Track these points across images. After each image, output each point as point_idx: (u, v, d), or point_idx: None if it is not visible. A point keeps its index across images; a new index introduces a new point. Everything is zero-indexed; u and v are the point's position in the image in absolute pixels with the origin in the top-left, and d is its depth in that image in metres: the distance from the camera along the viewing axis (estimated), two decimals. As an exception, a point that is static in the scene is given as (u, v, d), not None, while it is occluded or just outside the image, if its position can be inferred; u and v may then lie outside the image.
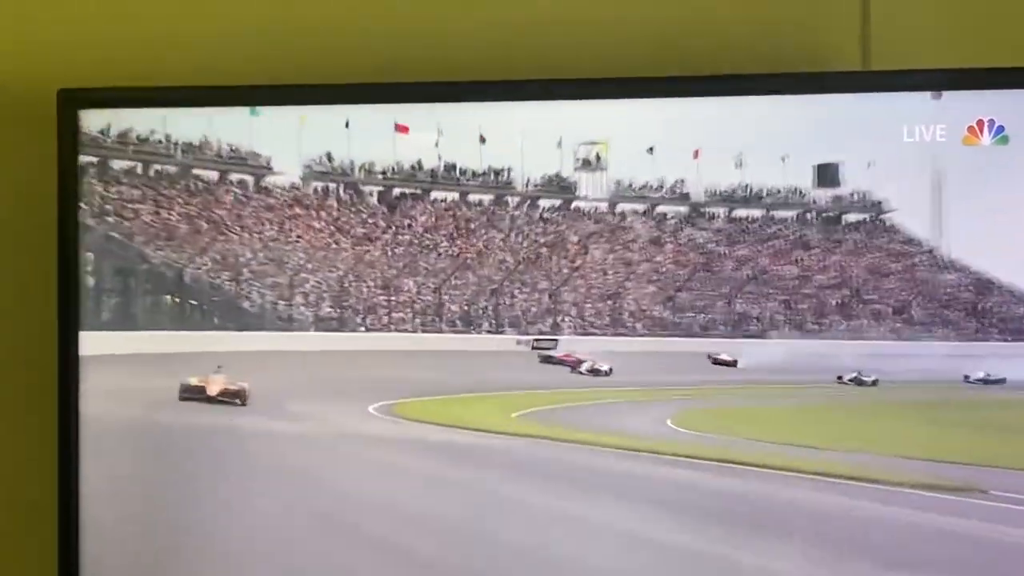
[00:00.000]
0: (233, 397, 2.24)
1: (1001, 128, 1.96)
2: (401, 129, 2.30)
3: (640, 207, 2.34)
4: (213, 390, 2.25)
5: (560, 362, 2.25)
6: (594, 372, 2.31)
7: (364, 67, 2.09)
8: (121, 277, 2.37)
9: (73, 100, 1.86)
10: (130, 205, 2.35)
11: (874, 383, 2.15)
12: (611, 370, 2.29)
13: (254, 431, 2.30)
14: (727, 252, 2.30)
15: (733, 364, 2.23)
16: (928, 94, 1.97)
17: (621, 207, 2.36)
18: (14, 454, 2.19)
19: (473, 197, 2.38)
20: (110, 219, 2.31)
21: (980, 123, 1.94)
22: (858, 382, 2.14)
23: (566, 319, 2.39)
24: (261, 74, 2.04)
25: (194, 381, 2.22)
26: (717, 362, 2.22)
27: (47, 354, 2.00)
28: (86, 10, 2.05)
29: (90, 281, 2.30)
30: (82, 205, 2.17)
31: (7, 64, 2.03)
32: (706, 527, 2.12)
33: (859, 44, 2.00)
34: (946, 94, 1.90)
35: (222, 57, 2.09)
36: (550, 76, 1.98)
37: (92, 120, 2.03)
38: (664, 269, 2.33)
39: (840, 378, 2.15)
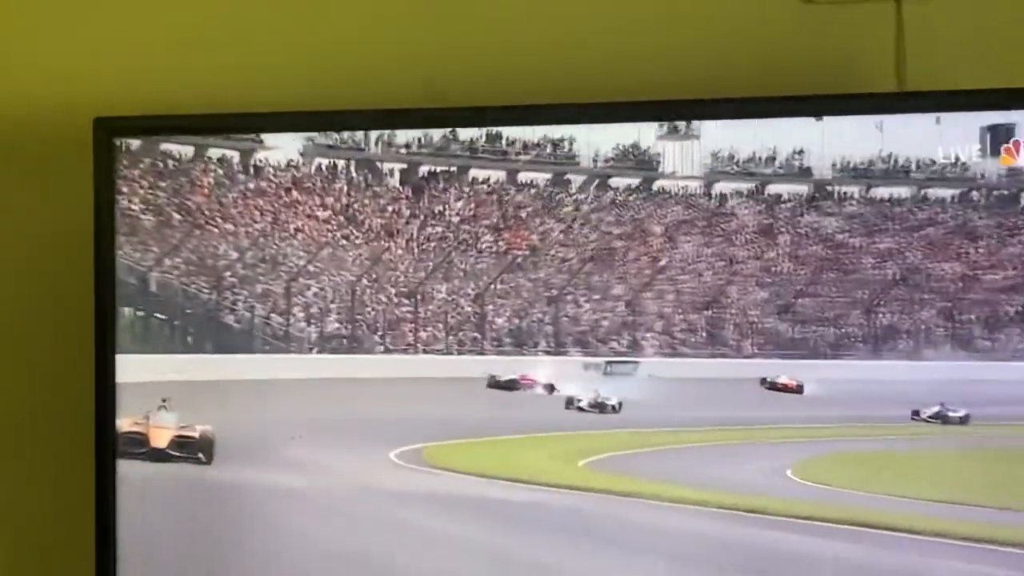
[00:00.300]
0: (192, 450, 1.73)
1: None
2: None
3: (745, 186, 1.85)
4: (159, 440, 1.77)
5: (509, 386, 1.84)
6: (598, 407, 1.85)
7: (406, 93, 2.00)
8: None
9: (108, 128, 1.85)
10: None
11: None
12: (620, 405, 1.84)
13: (236, 487, 1.77)
14: (863, 245, 1.75)
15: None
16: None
17: (719, 187, 1.86)
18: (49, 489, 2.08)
19: (524, 176, 1.90)
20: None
21: (1016, 144, 1.83)
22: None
23: (648, 335, 1.83)
24: (291, 102, 1.94)
25: (127, 426, 1.76)
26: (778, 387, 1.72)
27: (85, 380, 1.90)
28: (123, 38, 2.07)
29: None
30: None
31: (43, 92, 2.06)
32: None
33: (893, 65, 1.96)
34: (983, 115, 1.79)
35: (260, 84, 2.04)
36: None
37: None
38: (779, 268, 1.78)
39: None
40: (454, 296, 1.91)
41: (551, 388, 1.86)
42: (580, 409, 1.84)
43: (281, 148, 1.91)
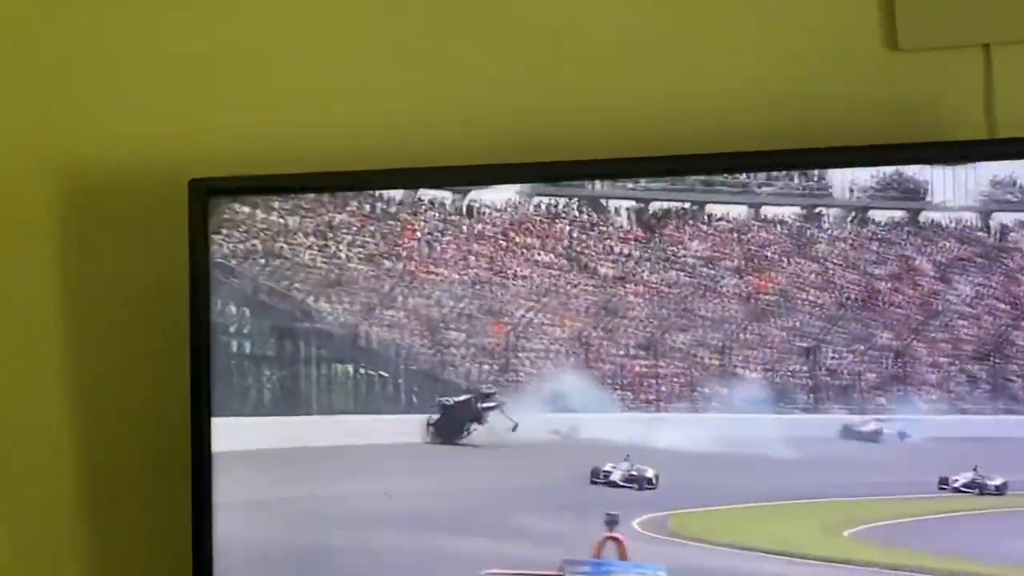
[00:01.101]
0: None
1: None
2: None
3: (1026, 216, 1.61)
4: None
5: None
6: (632, 481, 1.70)
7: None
8: (274, 339, 1.77)
9: (204, 189, 1.86)
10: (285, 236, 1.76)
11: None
12: (656, 478, 1.69)
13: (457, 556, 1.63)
14: None
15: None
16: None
17: (1000, 218, 1.66)
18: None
19: (768, 211, 1.72)
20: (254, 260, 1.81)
21: None
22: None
23: (922, 389, 1.62)
24: (387, 160, 1.92)
25: None
26: None
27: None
28: (217, 98, 2.08)
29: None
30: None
31: (138, 154, 2.07)
32: None
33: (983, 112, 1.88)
34: None
35: (366, 143, 2.01)
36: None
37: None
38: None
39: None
40: (695, 347, 1.73)
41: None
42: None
43: (501, 190, 1.78)
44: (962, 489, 1.64)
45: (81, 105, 2.11)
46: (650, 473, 1.71)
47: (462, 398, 1.77)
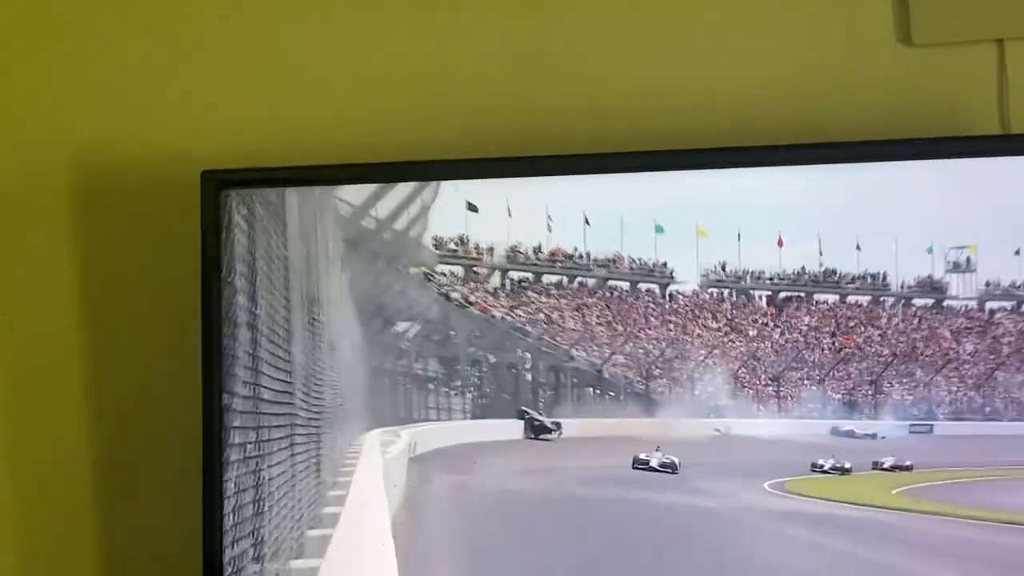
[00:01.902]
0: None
1: None
2: (779, 243, 2.69)
3: (1009, 304, 2.63)
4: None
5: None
6: (664, 467, 2.49)
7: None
8: (552, 373, 2.86)
9: (216, 181, 1.83)
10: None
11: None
12: (679, 464, 2.49)
13: (670, 505, 2.73)
14: None
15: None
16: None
17: (989, 304, 2.64)
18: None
19: (852, 299, 2.71)
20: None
21: None
22: None
23: (940, 406, 2.70)
24: (402, 152, 1.99)
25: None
26: None
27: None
28: (231, 90, 2.05)
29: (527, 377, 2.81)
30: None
31: (152, 146, 2.04)
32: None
33: (997, 107, 1.93)
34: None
35: (375, 135, 2.06)
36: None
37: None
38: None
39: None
40: (804, 380, 2.84)
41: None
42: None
43: (688, 283, 2.89)
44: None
45: (94, 98, 2.06)
46: (676, 460, 2.48)
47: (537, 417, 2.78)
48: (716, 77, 1.99)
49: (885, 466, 2.58)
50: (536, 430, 2.69)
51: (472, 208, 2.36)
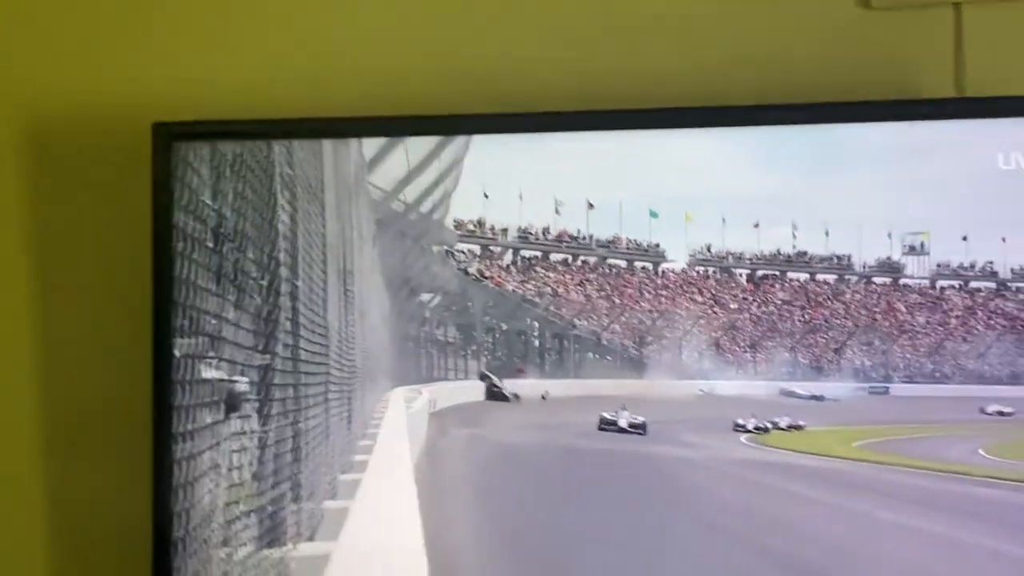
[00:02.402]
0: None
1: None
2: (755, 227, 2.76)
3: (956, 282, 2.70)
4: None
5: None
6: (634, 428, 2.49)
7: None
8: (557, 340, 2.93)
9: (168, 133, 1.68)
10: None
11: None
12: (645, 425, 2.52)
13: (659, 456, 2.81)
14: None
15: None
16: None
17: (940, 283, 2.72)
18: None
19: (820, 277, 2.79)
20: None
21: None
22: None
23: (895, 370, 2.78)
24: (363, 108, 1.82)
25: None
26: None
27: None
28: (183, 43, 1.90)
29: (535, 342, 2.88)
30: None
31: (104, 98, 1.86)
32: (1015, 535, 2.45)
33: (952, 70, 1.81)
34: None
35: (325, 91, 1.91)
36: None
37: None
38: (976, 332, 2.68)
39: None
40: (776, 346, 2.91)
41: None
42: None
43: (678, 261, 2.96)
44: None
45: (44, 48, 1.88)
46: (640, 420, 2.50)
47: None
48: (677, 40, 1.89)
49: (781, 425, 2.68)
50: (494, 396, 2.76)
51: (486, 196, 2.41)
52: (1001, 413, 2.64)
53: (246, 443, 2.19)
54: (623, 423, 2.43)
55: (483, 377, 2.72)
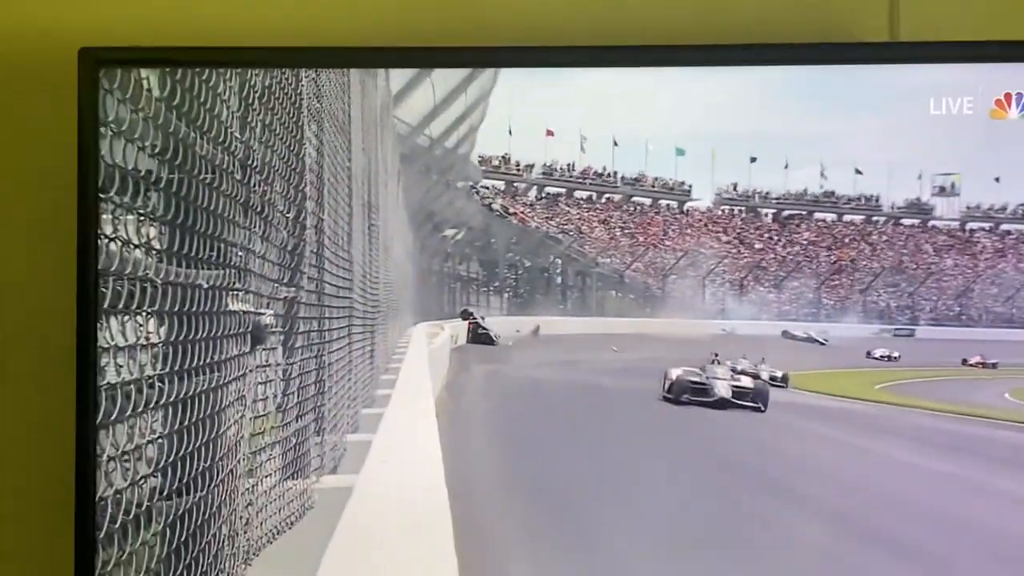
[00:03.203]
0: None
1: None
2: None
3: (988, 224, 2.68)
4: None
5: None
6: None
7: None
8: (580, 277, 2.93)
9: (94, 59, 1.62)
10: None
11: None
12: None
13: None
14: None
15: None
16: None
17: (969, 225, 2.69)
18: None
19: (848, 217, 2.79)
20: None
21: (1008, 96, 1.79)
22: None
23: (921, 312, 2.76)
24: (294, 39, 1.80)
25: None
26: None
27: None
28: None
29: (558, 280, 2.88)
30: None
31: (31, 24, 1.80)
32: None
33: (888, 16, 1.83)
34: (975, 66, 1.72)
35: (253, 19, 1.86)
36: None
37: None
38: (1006, 275, 2.67)
39: None
40: (801, 288, 2.91)
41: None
42: (878, 358, 2.78)
43: (703, 200, 2.94)
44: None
45: None
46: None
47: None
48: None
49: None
50: (479, 338, 2.76)
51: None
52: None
53: (271, 375, 2.20)
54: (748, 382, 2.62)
55: (465, 315, 2.69)
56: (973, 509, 2.51)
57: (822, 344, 2.67)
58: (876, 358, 2.61)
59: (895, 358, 2.59)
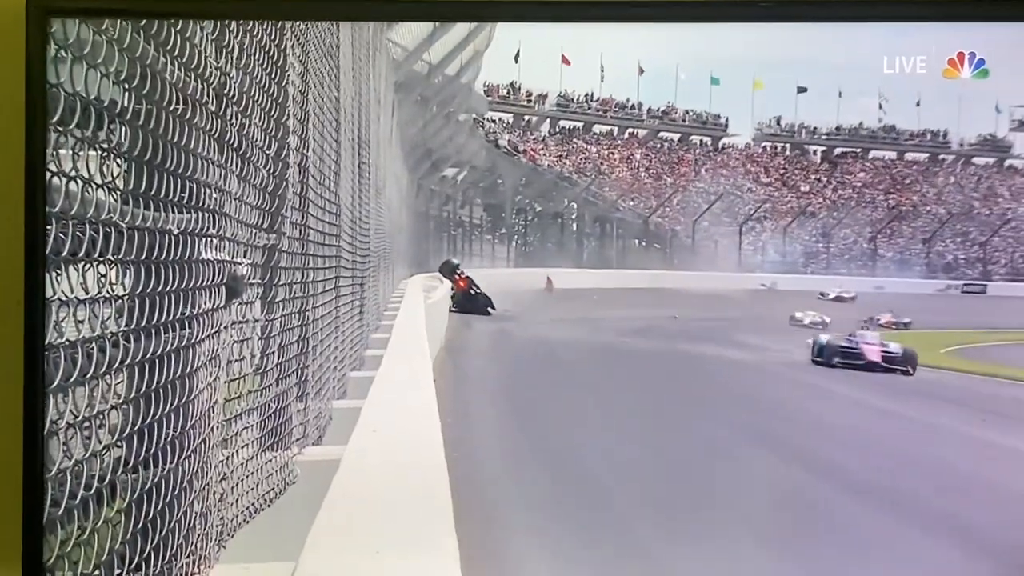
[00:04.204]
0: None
1: (982, 61, 2.05)
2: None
3: (1074, 166, 2.75)
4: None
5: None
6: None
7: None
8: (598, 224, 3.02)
9: (44, 9, 1.71)
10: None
11: None
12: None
13: (710, 357, 2.89)
14: None
15: None
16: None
17: None
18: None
19: (910, 156, 2.87)
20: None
21: (960, 56, 1.96)
22: None
23: (993, 265, 2.82)
24: None
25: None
26: None
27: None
28: None
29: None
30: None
31: None
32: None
33: None
34: (928, 26, 1.85)
35: None
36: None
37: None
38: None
39: None
40: (855, 237, 2.97)
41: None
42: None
43: (741, 136, 3.00)
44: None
45: None
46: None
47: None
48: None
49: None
50: (470, 304, 2.78)
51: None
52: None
53: (248, 333, 2.24)
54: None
55: (448, 270, 2.72)
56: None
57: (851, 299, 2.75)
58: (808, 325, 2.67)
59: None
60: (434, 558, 1.77)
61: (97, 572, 1.53)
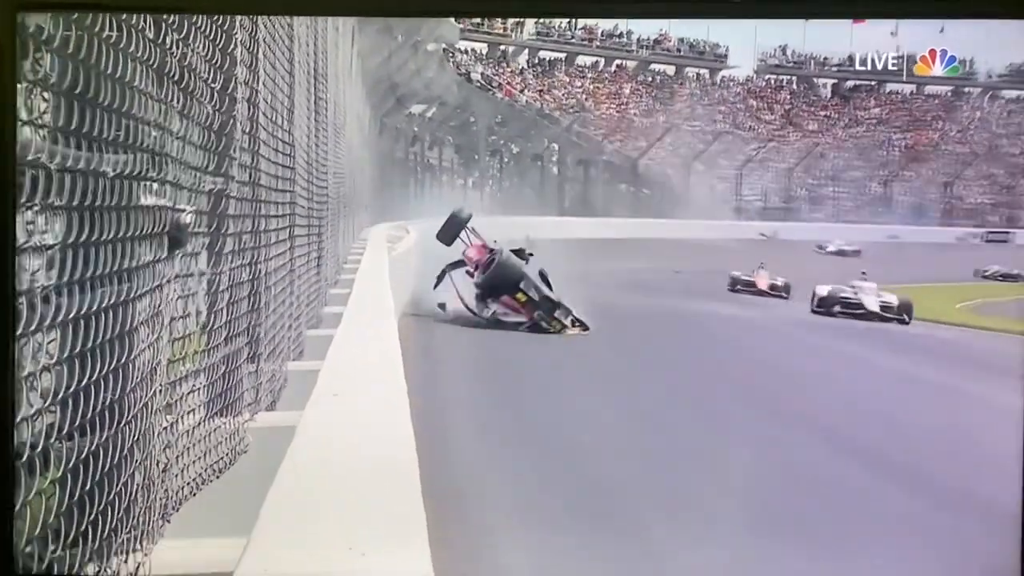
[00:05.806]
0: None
1: (953, 58, 2.14)
2: (858, 20, 2.83)
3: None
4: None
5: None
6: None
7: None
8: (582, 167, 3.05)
9: (14, 4, 1.75)
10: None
11: None
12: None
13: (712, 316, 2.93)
14: None
15: None
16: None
17: None
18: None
19: (930, 89, 2.90)
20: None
21: (932, 53, 2.04)
22: None
23: (1021, 211, 2.86)
24: None
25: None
26: None
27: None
28: None
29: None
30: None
31: None
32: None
33: None
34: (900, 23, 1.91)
35: None
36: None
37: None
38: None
39: None
40: (867, 181, 3.00)
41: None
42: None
43: (742, 67, 3.02)
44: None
45: None
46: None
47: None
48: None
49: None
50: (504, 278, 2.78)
51: None
52: None
53: (193, 287, 2.25)
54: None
55: (455, 228, 2.68)
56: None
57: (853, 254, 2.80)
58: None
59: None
60: (399, 532, 1.79)
61: (29, 548, 1.55)
